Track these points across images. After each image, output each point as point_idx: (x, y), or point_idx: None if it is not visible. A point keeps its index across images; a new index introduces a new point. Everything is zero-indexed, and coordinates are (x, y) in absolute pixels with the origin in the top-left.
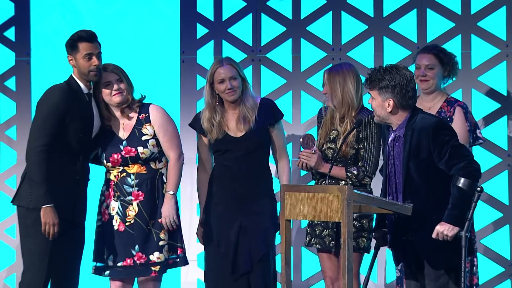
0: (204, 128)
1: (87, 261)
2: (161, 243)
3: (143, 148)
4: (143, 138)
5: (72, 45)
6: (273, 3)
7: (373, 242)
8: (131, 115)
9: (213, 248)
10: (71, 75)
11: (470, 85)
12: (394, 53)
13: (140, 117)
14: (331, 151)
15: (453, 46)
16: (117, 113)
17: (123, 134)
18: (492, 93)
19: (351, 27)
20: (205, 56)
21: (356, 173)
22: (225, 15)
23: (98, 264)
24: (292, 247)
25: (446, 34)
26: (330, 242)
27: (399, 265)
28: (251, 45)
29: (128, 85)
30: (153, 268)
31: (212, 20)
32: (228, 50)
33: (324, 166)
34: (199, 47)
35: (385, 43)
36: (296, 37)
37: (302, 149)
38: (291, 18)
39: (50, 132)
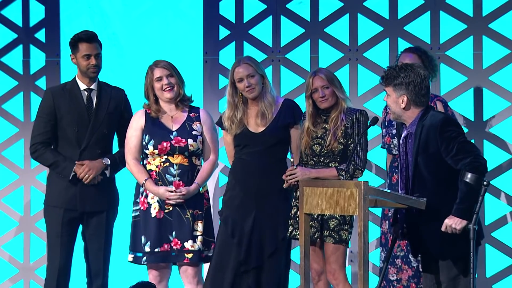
0: (225, 125)
1: (124, 252)
2: (195, 233)
3: (193, 141)
4: (193, 132)
5: (73, 45)
6: (292, 5)
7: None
8: (182, 110)
9: (226, 238)
10: (76, 75)
11: (481, 84)
12: None
13: (191, 115)
14: (319, 146)
15: (465, 47)
16: (167, 107)
17: (172, 126)
18: (502, 92)
19: (367, 28)
20: (227, 56)
21: (346, 169)
22: (246, 18)
23: (137, 254)
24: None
25: (458, 35)
26: (314, 234)
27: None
28: (271, 46)
29: (179, 80)
30: (186, 255)
31: (234, 22)
32: (249, 51)
33: (312, 171)
34: (221, 48)
35: (400, 44)
36: (314, 38)
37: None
38: (309, 20)
39: (42, 131)
